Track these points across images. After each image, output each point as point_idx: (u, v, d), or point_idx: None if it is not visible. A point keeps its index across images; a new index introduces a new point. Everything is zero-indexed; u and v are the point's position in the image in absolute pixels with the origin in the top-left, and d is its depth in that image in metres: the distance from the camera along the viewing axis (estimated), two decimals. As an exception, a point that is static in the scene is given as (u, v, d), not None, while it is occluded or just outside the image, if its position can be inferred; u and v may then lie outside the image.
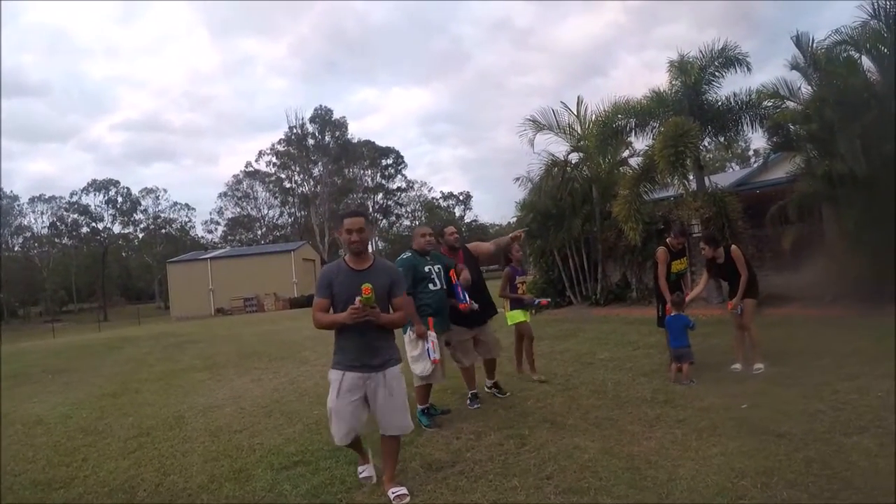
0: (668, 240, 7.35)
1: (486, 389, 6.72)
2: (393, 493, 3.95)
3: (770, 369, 6.68)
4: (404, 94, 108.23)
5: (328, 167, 59.24)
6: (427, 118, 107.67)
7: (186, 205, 75.05)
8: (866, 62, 11.37)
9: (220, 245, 68.45)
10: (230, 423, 6.43)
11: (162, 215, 73.68)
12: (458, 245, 6.48)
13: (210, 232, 74.42)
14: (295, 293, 41.68)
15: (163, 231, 73.52)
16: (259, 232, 71.17)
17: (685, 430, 4.85)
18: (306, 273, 44.45)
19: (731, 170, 39.45)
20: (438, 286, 5.74)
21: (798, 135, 12.16)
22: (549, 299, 8.42)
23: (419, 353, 5.51)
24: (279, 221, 68.93)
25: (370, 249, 4.10)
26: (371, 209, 64.87)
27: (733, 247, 7.11)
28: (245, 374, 9.87)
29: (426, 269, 5.70)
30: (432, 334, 5.46)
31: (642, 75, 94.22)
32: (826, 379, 6.01)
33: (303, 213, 64.42)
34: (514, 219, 19.64)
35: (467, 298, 5.94)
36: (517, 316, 7.40)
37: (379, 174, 65.45)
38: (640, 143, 15.79)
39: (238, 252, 53.05)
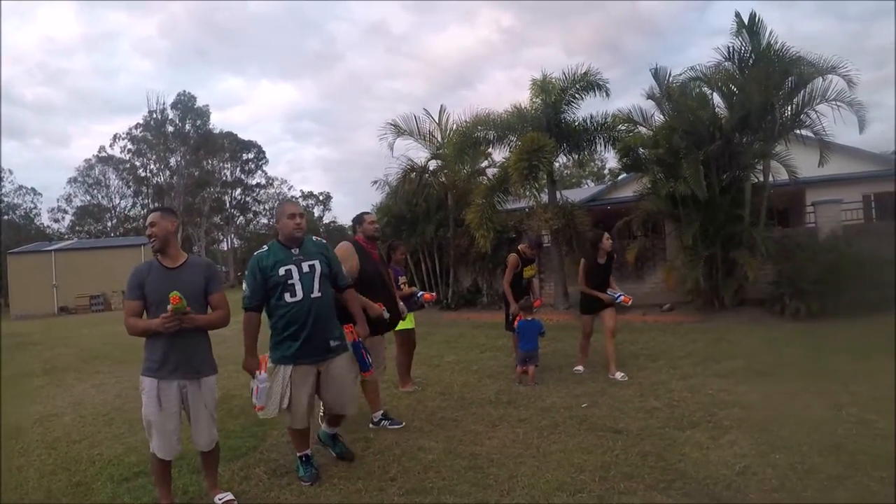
0: (520, 247, 7.41)
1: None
2: (219, 499, 3.78)
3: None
4: (272, 88, 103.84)
5: (186, 157, 55.75)
6: (293, 115, 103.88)
7: (33, 189, 66.38)
8: (717, 99, 12.30)
9: (66, 236, 62.32)
10: (69, 432, 5.92)
11: (5, 199, 65.27)
12: (378, 236, 5.38)
13: (56, 221, 66.52)
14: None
15: (5, 218, 65.13)
16: (109, 223, 65.22)
17: (527, 429, 4.90)
18: (156, 270, 41.82)
19: (586, 186, 41.54)
20: (300, 296, 3.97)
21: (647, 158, 12.90)
22: (434, 293, 7.90)
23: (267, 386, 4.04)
24: (131, 213, 63.02)
25: (176, 245, 3.73)
26: (228, 204, 61.93)
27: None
28: (86, 380, 9.08)
29: (282, 270, 3.97)
30: (261, 377, 3.93)
31: (509, 91, 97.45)
32: (662, 379, 6.32)
33: (157, 204, 59.94)
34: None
35: (369, 363, 4.51)
36: (404, 322, 6.47)
37: (239, 168, 62.30)
38: (499, 154, 16.25)
39: (85, 245, 48.37)
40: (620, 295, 6.81)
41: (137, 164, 59.53)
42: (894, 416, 4.48)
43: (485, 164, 17.32)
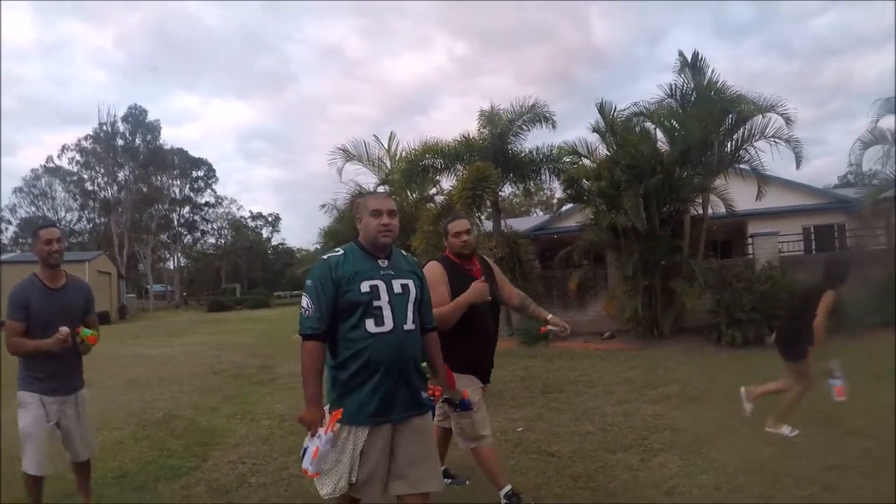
0: None
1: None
2: None
3: (548, 395, 6.98)
4: (225, 107, 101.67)
5: (135, 172, 54.16)
6: (245, 134, 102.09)
7: (-25, 198, 64.00)
8: (659, 134, 12.72)
9: (9, 248, 59.86)
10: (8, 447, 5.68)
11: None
12: (467, 252, 3.77)
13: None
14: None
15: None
16: (54, 237, 62.86)
17: (462, 453, 4.67)
18: (101, 287, 40.15)
19: (535, 215, 42.03)
20: (389, 326, 2.68)
21: (590, 190, 13.17)
22: None
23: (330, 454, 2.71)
24: (77, 227, 60.31)
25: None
26: (176, 222, 60.50)
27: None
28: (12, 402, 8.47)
29: (365, 286, 2.68)
30: (326, 437, 2.64)
31: (462, 118, 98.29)
32: (597, 404, 6.37)
33: (103, 220, 57.93)
34: (318, 245, 19.28)
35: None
36: None
37: (188, 186, 60.94)
38: (447, 182, 16.25)
39: (29, 258, 46.48)
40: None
41: (85, 176, 57.41)
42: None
43: (433, 191, 17.36)
